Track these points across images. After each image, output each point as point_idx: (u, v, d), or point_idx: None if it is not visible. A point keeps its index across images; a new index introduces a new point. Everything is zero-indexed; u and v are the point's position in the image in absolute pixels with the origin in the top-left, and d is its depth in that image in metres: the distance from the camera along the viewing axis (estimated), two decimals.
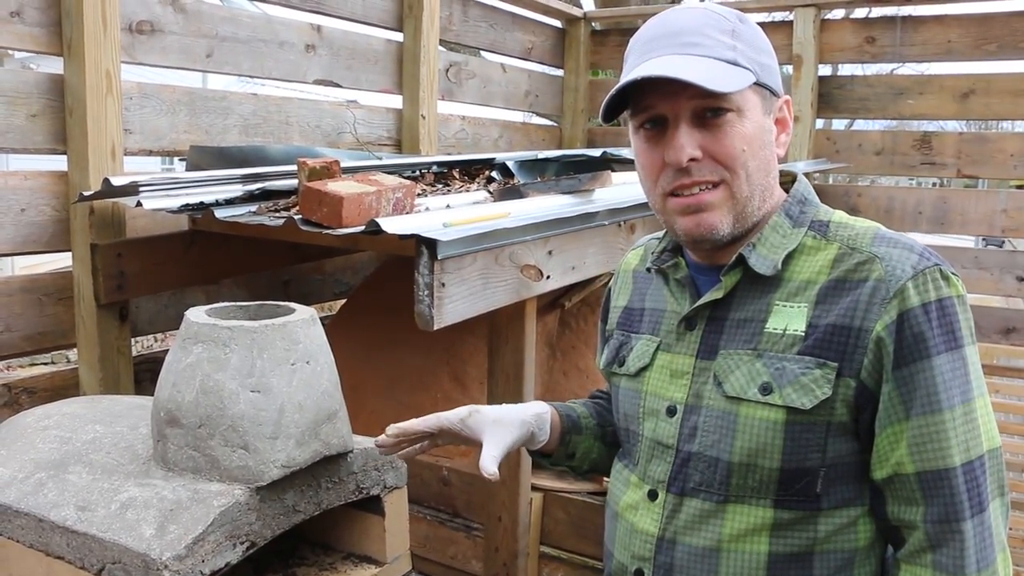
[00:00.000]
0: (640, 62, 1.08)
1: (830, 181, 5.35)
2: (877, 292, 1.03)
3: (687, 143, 1.06)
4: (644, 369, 1.21)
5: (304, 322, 1.34)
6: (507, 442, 1.23)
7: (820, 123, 3.95)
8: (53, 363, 5.38)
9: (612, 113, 1.13)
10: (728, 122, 1.07)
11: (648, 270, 1.27)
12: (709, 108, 1.06)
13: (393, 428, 1.24)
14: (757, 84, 1.08)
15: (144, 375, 2.39)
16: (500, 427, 1.24)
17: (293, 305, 1.40)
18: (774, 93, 1.12)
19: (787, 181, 1.21)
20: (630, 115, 1.13)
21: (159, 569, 1.13)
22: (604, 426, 1.39)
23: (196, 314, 1.33)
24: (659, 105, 1.08)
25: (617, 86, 1.08)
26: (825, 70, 3.93)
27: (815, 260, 1.10)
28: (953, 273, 1.06)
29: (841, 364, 1.04)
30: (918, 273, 1.03)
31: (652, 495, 1.17)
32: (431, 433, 1.26)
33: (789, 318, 1.08)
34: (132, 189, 1.96)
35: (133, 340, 2.36)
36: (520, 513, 2.18)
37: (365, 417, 2.51)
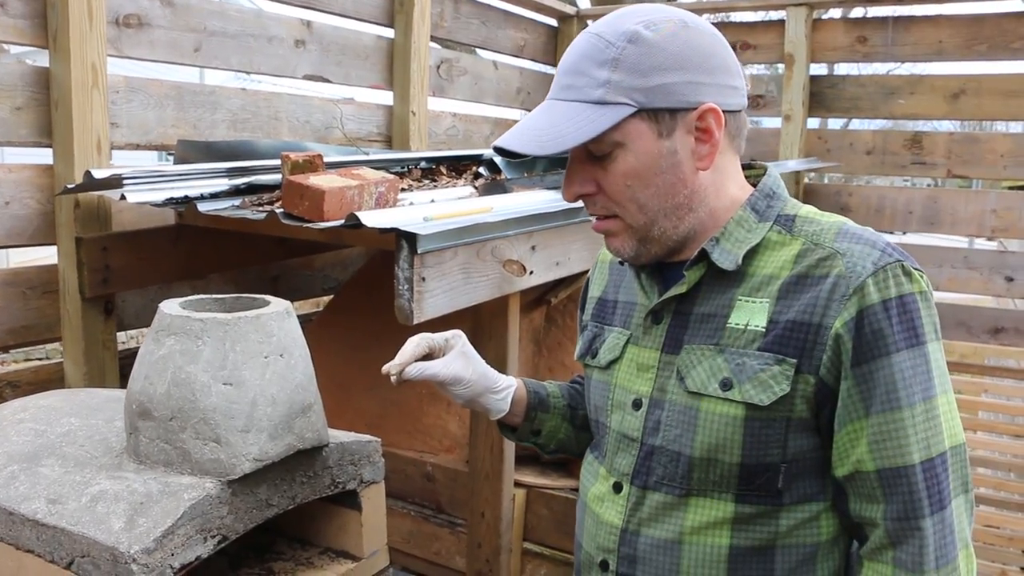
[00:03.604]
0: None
1: (824, 181, 5.35)
2: (837, 288, 1.03)
3: (575, 180, 1.12)
4: (614, 362, 1.22)
5: (278, 315, 1.33)
6: (453, 372, 1.26)
7: (816, 122, 3.95)
8: (48, 359, 5.38)
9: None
10: (612, 159, 1.07)
11: (621, 263, 1.27)
12: (588, 151, 1.08)
13: (393, 367, 1.23)
14: (644, 111, 1.04)
15: (130, 370, 2.38)
16: (464, 359, 1.28)
17: (268, 298, 1.40)
18: (679, 109, 1.05)
19: (759, 173, 1.20)
20: None
21: (127, 562, 1.12)
22: (575, 408, 1.40)
23: (169, 306, 1.32)
24: None
25: (492, 147, 1.12)
26: (819, 69, 3.93)
27: (779, 255, 1.10)
28: (916, 269, 1.05)
29: (800, 360, 1.04)
30: (879, 269, 1.02)
31: (617, 487, 1.18)
32: (427, 354, 1.28)
33: (751, 313, 1.08)
34: (115, 182, 1.96)
35: (127, 335, 2.36)
36: (503, 509, 2.18)
37: (350, 414, 2.51)
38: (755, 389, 1.05)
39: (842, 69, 4.35)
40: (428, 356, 1.28)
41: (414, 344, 1.26)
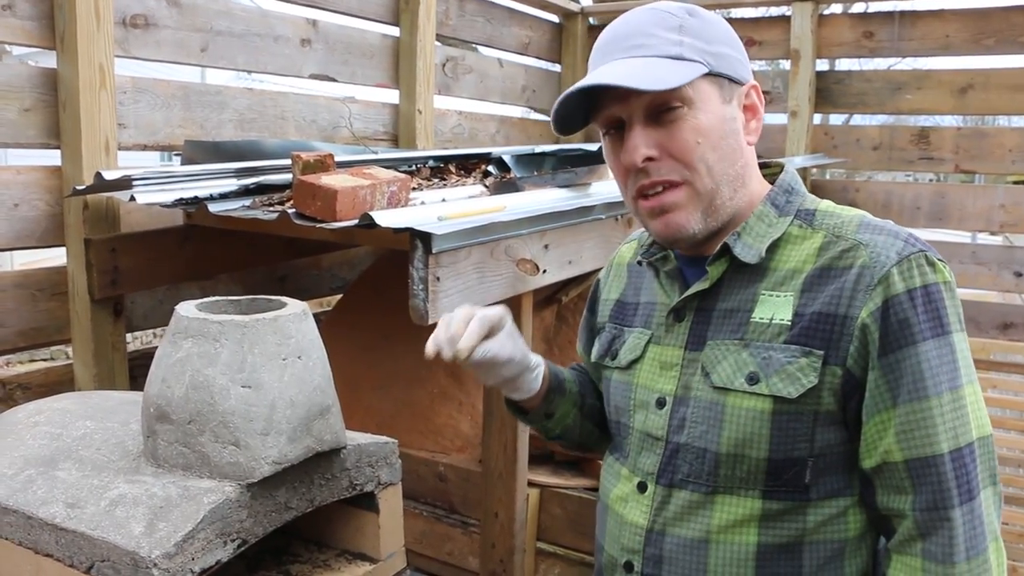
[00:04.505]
0: (593, 70, 1.10)
1: (827, 176, 5.34)
2: (862, 279, 1.03)
3: (641, 143, 1.07)
4: (635, 362, 1.21)
5: (296, 316, 1.32)
6: (509, 353, 1.16)
7: (818, 118, 3.94)
8: (53, 359, 5.36)
9: (572, 124, 1.15)
10: (681, 117, 1.06)
11: (639, 263, 1.27)
12: (659, 106, 1.06)
13: (463, 350, 1.09)
14: (712, 74, 1.07)
15: (139, 371, 2.38)
16: (512, 338, 1.19)
17: (285, 299, 1.39)
18: (735, 81, 1.11)
19: (775, 172, 1.20)
20: (596, 122, 1.14)
21: (148, 567, 1.11)
22: (585, 396, 1.39)
23: (186, 308, 1.31)
24: (613, 109, 1.09)
25: (556, 102, 1.10)
26: (823, 65, 3.92)
27: (801, 249, 1.10)
28: (939, 259, 1.05)
29: (827, 352, 1.04)
30: (903, 259, 1.03)
31: (642, 487, 1.17)
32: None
33: (775, 307, 1.08)
34: (125, 183, 1.95)
35: (132, 336, 2.35)
36: (517, 509, 2.17)
37: (361, 414, 2.50)
38: (783, 382, 1.05)
39: (843, 65, 4.33)
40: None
41: (478, 323, 1.12)
